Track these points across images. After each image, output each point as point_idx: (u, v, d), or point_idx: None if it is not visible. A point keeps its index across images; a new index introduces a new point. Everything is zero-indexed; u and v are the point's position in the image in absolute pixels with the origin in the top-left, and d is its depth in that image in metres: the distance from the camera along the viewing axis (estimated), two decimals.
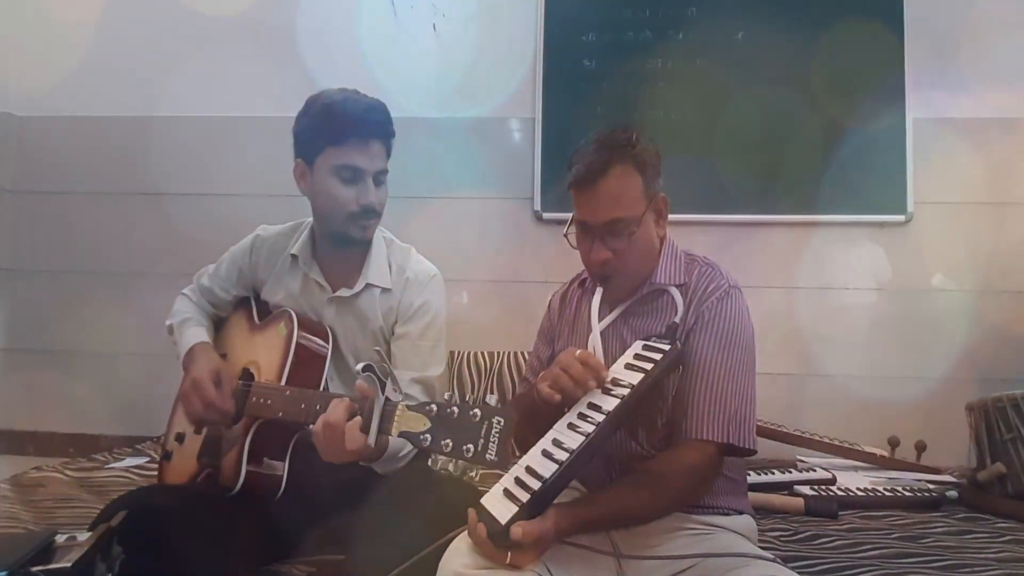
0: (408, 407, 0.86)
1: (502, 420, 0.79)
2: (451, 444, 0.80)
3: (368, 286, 1.25)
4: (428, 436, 0.82)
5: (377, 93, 1.24)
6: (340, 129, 1.16)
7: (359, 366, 0.88)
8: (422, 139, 2.33)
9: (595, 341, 1.02)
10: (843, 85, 2.22)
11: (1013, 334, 2.15)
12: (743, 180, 2.25)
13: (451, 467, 0.79)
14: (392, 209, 1.29)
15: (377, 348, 0.98)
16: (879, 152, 2.20)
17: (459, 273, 2.27)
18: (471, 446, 0.79)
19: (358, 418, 0.90)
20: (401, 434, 0.85)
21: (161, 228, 2.47)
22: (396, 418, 0.86)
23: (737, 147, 2.26)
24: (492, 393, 1.85)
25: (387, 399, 0.89)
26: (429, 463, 0.96)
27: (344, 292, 1.25)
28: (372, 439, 0.88)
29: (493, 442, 0.78)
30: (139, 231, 2.48)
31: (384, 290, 1.26)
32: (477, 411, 0.80)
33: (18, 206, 2.53)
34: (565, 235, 1.08)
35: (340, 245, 1.25)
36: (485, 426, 0.79)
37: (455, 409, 0.82)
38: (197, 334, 1.27)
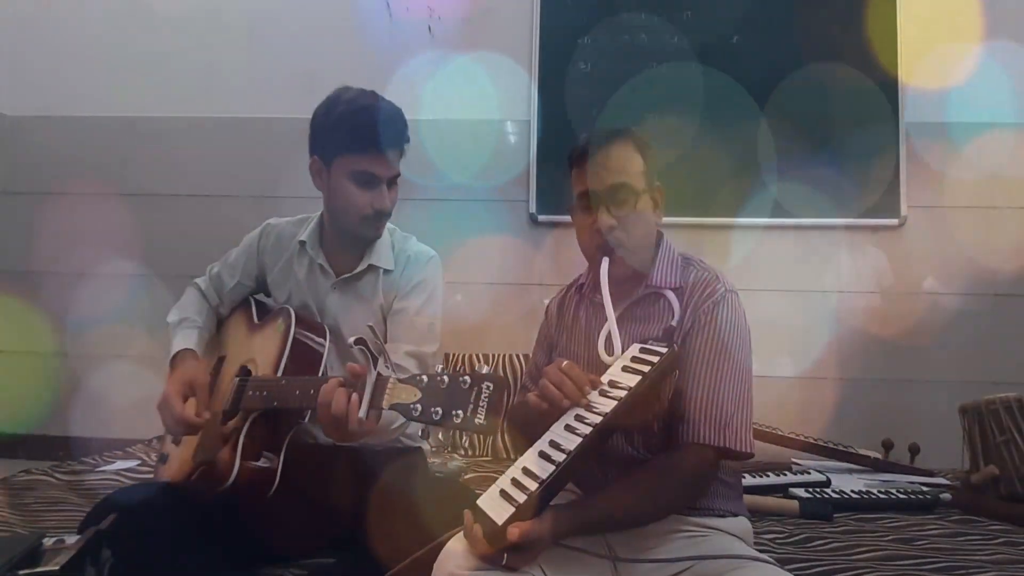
0: (399, 380, 0.86)
1: (491, 385, 0.78)
2: (440, 412, 0.80)
3: (371, 267, 1.27)
4: (418, 406, 0.82)
5: None
6: (362, 139, 1.18)
7: (351, 339, 0.88)
8: (417, 141, 2.31)
9: (612, 327, 0.99)
10: (837, 89, 2.24)
11: (1006, 337, 2.17)
12: (737, 183, 2.26)
13: (441, 437, 0.79)
14: None
15: (370, 324, 0.98)
16: (873, 156, 2.22)
17: (455, 275, 2.25)
18: (460, 412, 0.78)
19: (355, 397, 0.90)
20: (392, 406, 0.85)
21: (152, 229, 2.45)
22: (388, 391, 0.86)
23: (731, 150, 2.27)
24: (486, 365, 1.84)
25: (378, 374, 0.88)
26: (419, 435, 0.94)
27: (347, 276, 1.27)
28: (364, 412, 0.88)
29: (482, 407, 0.78)
30: (130, 232, 2.46)
31: (386, 271, 1.28)
32: (467, 378, 0.80)
33: (8, 207, 2.51)
34: (569, 209, 1.09)
35: (348, 238, 1.27)
36: (475, 392, 0.79)
37: (445, 378, 0.81)
38: (185, 339, 1.27)
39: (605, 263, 1.01)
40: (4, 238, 2.51)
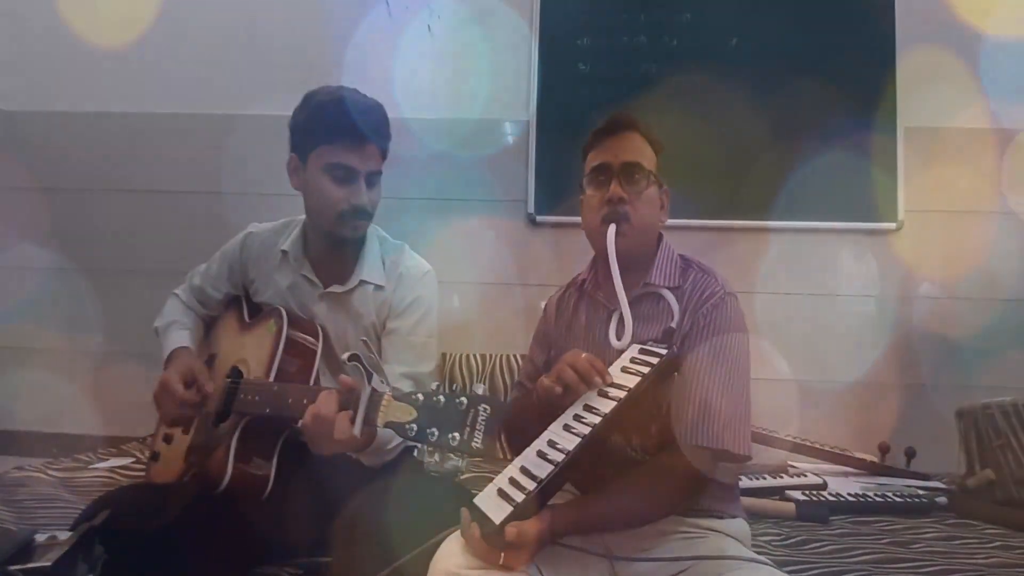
0: (394, 397, 0.85)
1: (488, 408, 0.78)
2: (437, 433, 0.79)
3: (362, 283, 1.24)
4: (414, 426, 0.81)
5: (371, 94, 1.23)
6: (335, 128, 1.15)
7: (345, 355, 0.87)
8: (416, 141, 2.33)
9: (625, 314, 1.01)
10: (835, 93, 2.24)
11: (1003, 341, 2.17)
12: (736, 185, 2.26)
13: (436, 456, 0.79)
14: (385, 210, 1.28)
15: (364, 339, 0.97)
16: (871, 160, 2.22)
17: (452, 275, 2.26)
18: (457, 434, 0.78)
19: (349, 410, 0.89)
20: (387, 425, 0.84)
21: (149, 226, 2.44)
22: (382, 408, 0.86)
23: (730, 153, 2.27)
24: (482, 384, 1.83)
25: (373, 390, 0.87)
26: (415, 454, 0.94)
27: (336, 288, 1.24)
28: (358, 430, 0.87)
29: (479, 430, 0.77)
30: (127, 229, 2.45)
31: (377, 287, 1.25)
32: (463, 399, 0.79)
33: (4, 202, 2.49)
34: (581, 185, 1.10)
35: (331, 243, 1.24)
36: (471, 414, 0.78)
37: (441, 398, 0.81)
38: (178, 339, 1.25)
39: (612, 230, 1.02)
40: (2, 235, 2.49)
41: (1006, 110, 2.22)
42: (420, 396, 0.83)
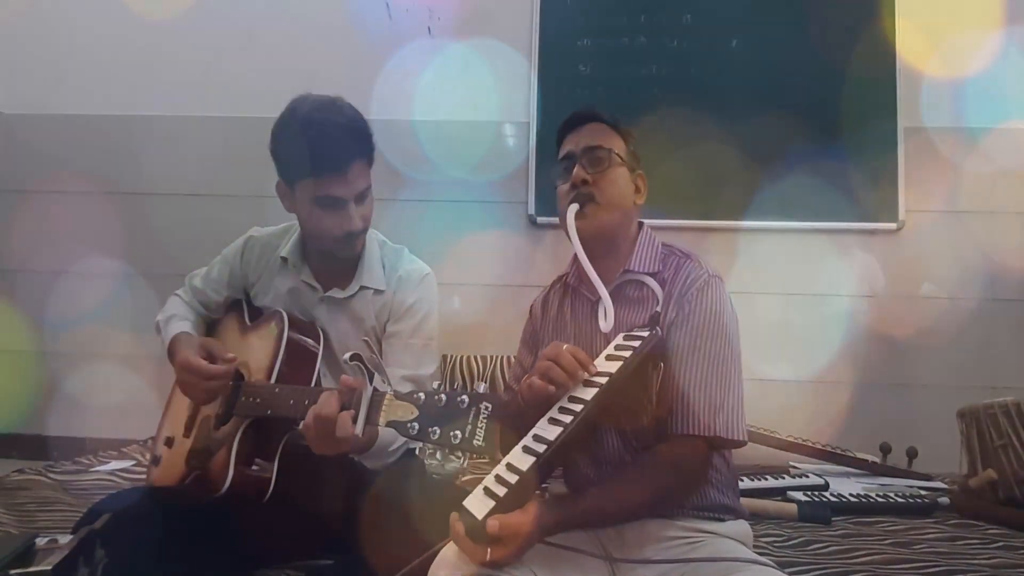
0: (396, 396, 0.85)
1: (490, 405, 0.78)
2: (439, 431, 0.79)
3: (362, 288, 1.24)
4: (416, 424, 0.81)
5: (371, 96, 1.23)
6: (318, 161, 1.11)
7: (347, 355, 0.87)
8: (416, 143, 2.33)
9: (606, 303, 1.01)
10: (835, 94, 2.24)
11: (1004, 341, 2.17)
12: (736, 186, 2.26)
13: (438, 455, 0.78)
14: (386, 212, 1.28)
15: (366, 339, 0.96)
16: (871, 160, 2.22)
17: (453, 277, 2.26)
18: (458, 432, 0.78)
19: (350, 410, 0.89)
20: (389, 423, 0.84)
21: (149, 229, 2.44)
22: (384, 408, 0.86)
23: (730, 153, 2.26)
24: (483, 382, 1.82)
25: (375, 389, 0.88)
26: (416, 452, 0.94)
27: (337, 293, 1.24)
28: (360, 429, 0.87)
29: (481, 427, 0.77)
30: (126, 231, 2.44)
31: (377, 291, 1.25)
32: (465, 397, 0.79)
33: (4, 205, 2.49)
34: (555, 184, 1.11)
35: (330, 260, 1.24)
36: (473, 412, 0.78)
37: (443, 397, 0.81)
38: (180, 326, 1.25)
39: (572, 209, 1.02)
40: (2, 236, 2.49)
41: (1006, 109, 2.22)
42: (422, 395, 0.83)
